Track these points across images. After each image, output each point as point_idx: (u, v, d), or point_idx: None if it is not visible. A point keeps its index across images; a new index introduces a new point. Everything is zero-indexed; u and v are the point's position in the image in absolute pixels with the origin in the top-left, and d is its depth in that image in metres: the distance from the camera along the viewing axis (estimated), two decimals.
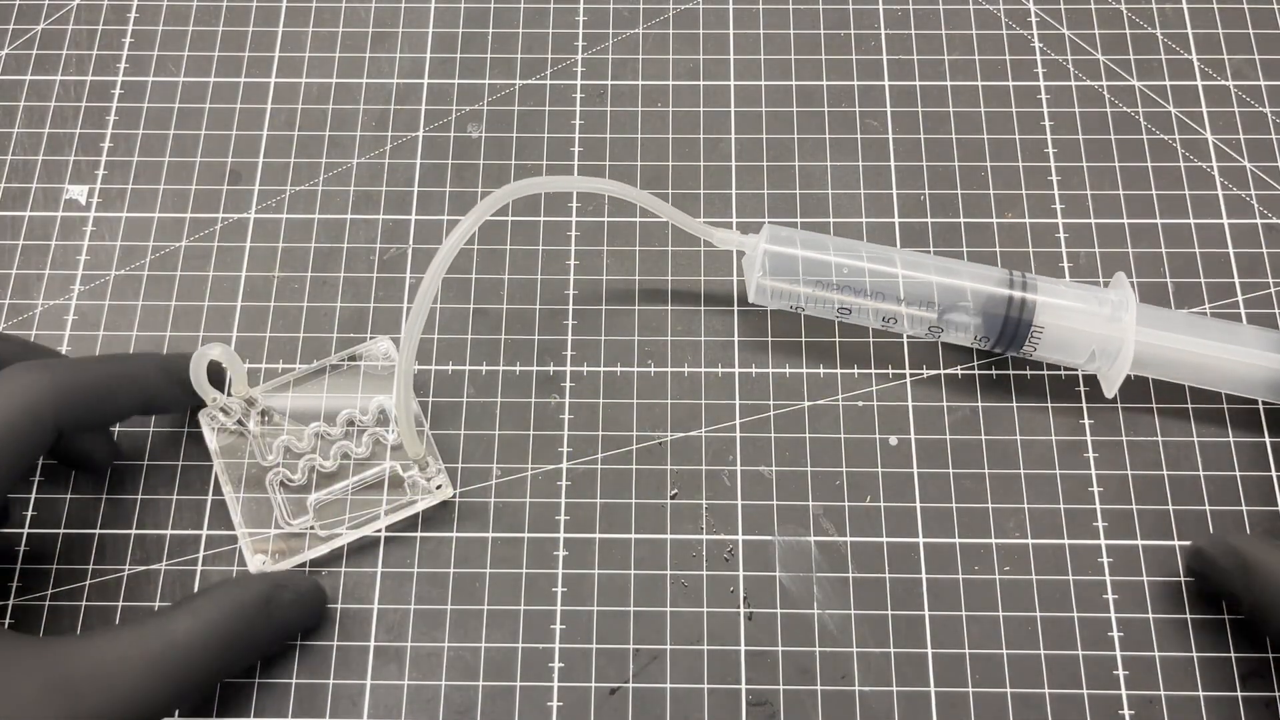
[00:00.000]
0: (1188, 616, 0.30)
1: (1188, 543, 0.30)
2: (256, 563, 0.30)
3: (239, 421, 0.31)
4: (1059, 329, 0.30)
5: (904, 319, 0.31)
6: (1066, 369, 0.32)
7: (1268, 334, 0.30)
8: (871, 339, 0.33)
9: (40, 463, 0.32)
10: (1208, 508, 0.31)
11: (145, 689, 0.24)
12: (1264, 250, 0.34)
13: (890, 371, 0.33)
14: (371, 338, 0.33)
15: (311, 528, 0.30)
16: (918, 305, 0.31)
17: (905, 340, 0.33)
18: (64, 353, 0.33)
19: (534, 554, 0.31)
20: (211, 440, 0.31)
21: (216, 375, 0.31)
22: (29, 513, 0.31)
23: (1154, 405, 0.32)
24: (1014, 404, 0.32)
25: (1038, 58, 0.37)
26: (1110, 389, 0.31)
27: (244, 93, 0.37)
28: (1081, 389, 0.32)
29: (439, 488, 0.31)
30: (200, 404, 0.31)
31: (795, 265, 0.31)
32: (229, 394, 0.31)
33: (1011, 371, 0.33)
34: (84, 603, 0.30)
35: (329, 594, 0.30)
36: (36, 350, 0.29)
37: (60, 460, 0.31)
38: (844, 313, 0.32)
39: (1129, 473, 0.31)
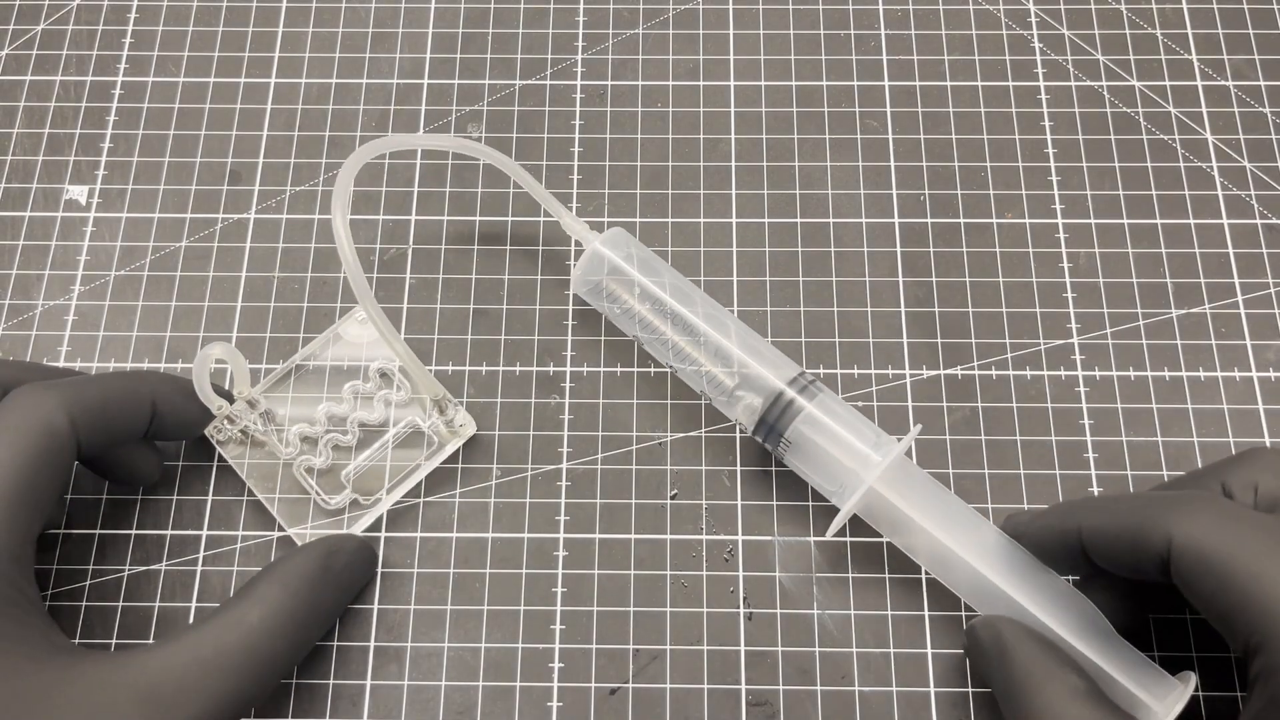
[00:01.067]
0: (1187, 617, 0.30)
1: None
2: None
3: (243, 431, 0.31)
4: (813, 442, 0.29)
5: (693, 365, 0.31)
6: (821, 492, 0.30)
7: (1005, 545, 0.27)
8: (871, 339, 0.33)
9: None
10: None
11: (233, 684, 0.24)
12: (1264, 250, 0.34)
13: (890, 372, 0.33)
14: (344, 308, 0.34)
15: (355, 499, 0.31)
16: (706, 361, 0.30)
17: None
18: (63, 352, 0.33)
19: (534, 554, 0.31)
20: (226, 453, 0.31)
21: (219, 391, 0.31)
22: None
23: (1154, 405, 0.32)
24: (1014, 404, 0.32)
25: (1038, 58, 0.37)
26: (830, 528, 0.29)
27: (244, 93, 0.37)
28: (1082, 389, 0.32)
29: (462, 426, 0.32)
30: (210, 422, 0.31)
31: (620, 274, 0.31)
32: (233, 401, 0.31)
33: (1012, 372, 0.33)
34: (84, 603, 0.30)
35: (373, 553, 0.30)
36: (36, 372, 0.28)
37: (103, 475, 0.30)
38: (640, 338, 0.32)
39: (1129, 473, 0.31)
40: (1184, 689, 0.25)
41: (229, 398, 0.31)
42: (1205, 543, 0.22)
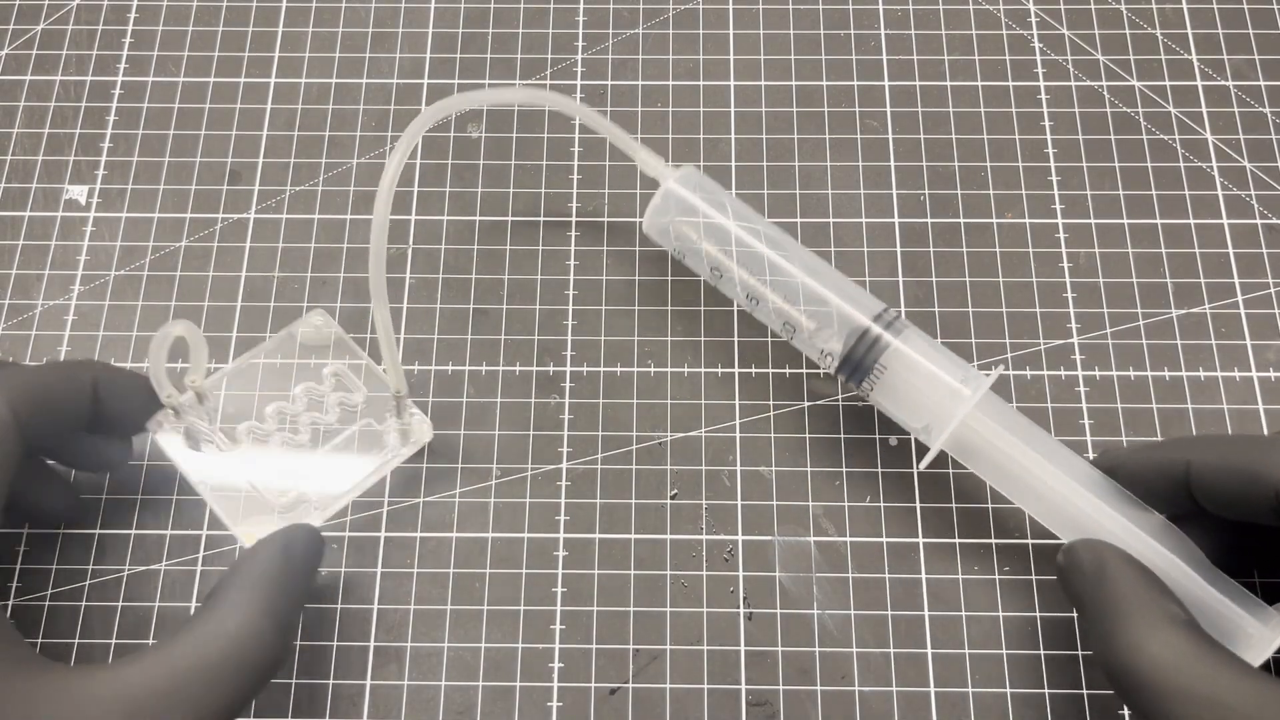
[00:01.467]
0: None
1: None
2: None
3: (186, 427, 0.30)
4: (902, 377, 0.29)
5: (768, 303, 0.30)
6: (905, 429, 0.30)
7: (1098, 477, 0.27)
8: None
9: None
10: None
11: (217, 695, 0.23)
12: (1264, 250, 0.34)
13: None
14: (309, 307, 0.34)
15: (304, 499, 0.30)
16: (782, 298, 0.30)
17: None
18: (63, 352, 0.33)
19: (534, 554, 0.31)
20: (171, 447, 0.30)
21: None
22: None
23: (1154, 406, 0.32)
24: (1014, 404, 0.32)
25: (1038, 58, 0.37)
26: (924, 460, 0.28)
27: (244, 93, 0.37)
28: (1081, 389, 0.32)
29: (417, 433, 0.31)
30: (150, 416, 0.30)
31: (693, 213, 0.31)
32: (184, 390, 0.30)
33: (1012, 372, 0.33)
34: (84, 603, 0.30)
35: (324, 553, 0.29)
36: None
37: (73, 465, 0.30)
38: (715, 275, 0.31)
39: None
40: None
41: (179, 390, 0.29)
42: None
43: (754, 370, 0.33)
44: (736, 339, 0.33)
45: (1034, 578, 0.30)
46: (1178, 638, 0.23)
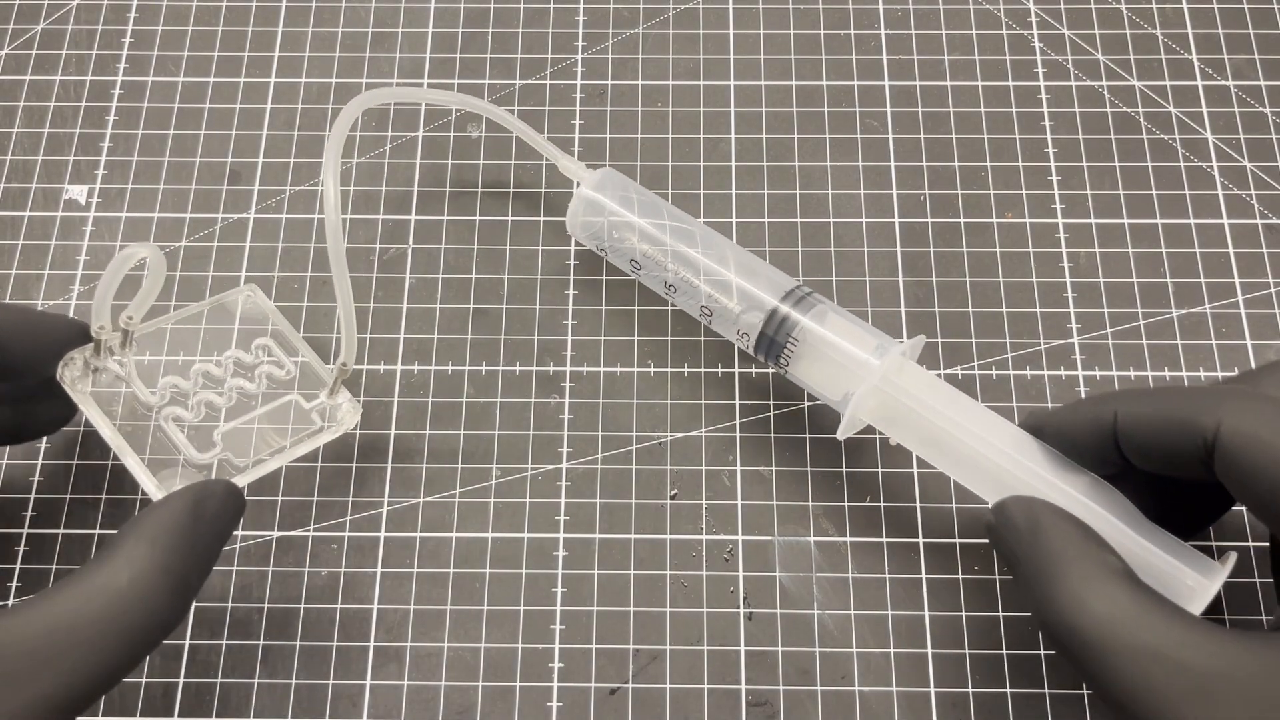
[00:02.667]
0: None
1: None
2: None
3: (95, 369, 0.28)
4: (816, 349, 0.29)
5: (686, 291, 0.31)
6: (828, 402, 0.30)
7: (1025, 438, 0.27)
8: None
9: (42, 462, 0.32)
10: None
11: (97, 657, 0.21)
12: (1264, 250, 0.34)
13: None
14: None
15: (226, 459, 0.29)
16: (697, 285, 0.30)
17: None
18: None
19: (534, 554, 0.31)
20: (82, 393, 0.28)
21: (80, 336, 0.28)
22: (29, 513, 0.31)
23: None
24: (1014, 404, 0.32)
25: (1038, 58, 0.37)
26: (841, 430, 0.29)
27: (244, 93, 0.37)
28: (1082, 389, 0.32)
29: (344, 416, 0.30)
30: (48, 377, 0.28)
31: (611, 211, 0.32)
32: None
33: (1011, 371, 0.33)
34: None
35: (242, 504, 0.27)
36: None
37: (13, 439, 0.29)
38: (635, 266, 0.32)
39: None
40: (1224, 567, 0.25)
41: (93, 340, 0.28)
42: (1257, 428, 0.22)
43: (754, 370, 0.33)
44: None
45: None
46: (1120, 591, 0.22)
